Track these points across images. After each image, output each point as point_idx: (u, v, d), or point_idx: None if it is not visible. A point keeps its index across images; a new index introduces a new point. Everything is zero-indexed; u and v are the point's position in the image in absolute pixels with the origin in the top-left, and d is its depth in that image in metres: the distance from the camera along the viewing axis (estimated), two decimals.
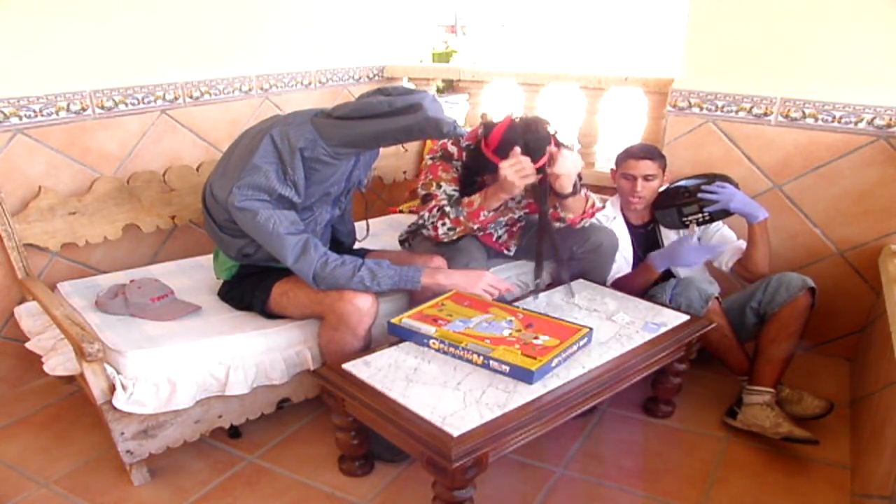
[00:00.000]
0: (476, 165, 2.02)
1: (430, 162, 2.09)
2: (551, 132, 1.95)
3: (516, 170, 1.83)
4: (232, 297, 2.05)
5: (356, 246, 2.32)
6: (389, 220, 2.93)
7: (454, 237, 2.05)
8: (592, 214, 2.12)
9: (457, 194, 2.04)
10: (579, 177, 2.02)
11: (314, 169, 1.80)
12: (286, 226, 1.74)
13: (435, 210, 2.01)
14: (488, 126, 1.98)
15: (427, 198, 2.05)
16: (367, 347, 1.88)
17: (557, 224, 2.09)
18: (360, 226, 2.46)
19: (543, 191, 1.95)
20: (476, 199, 1.98)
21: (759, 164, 2.47)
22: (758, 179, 2.48)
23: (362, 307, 1.80)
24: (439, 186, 2.03)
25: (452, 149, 2.06)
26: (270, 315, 1.97)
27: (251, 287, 1.99)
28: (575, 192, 1.96)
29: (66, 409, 2.20)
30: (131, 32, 2.32)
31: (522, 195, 2.10)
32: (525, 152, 1.86)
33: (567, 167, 1.89)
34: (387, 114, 1.70)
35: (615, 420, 2.16)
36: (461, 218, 1.98)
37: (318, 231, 1.99)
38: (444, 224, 2.00)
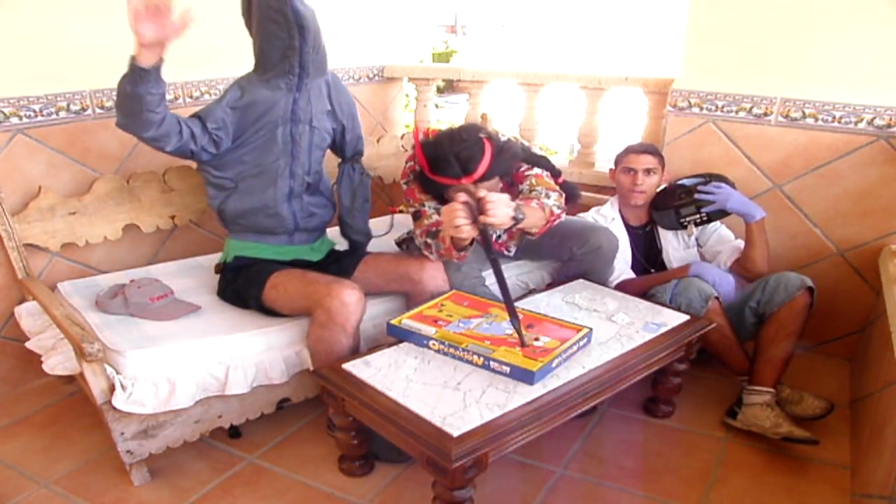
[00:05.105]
0: (430, 189, 1.96)
1: (405, 187, 2.06)
2: (483, 135, 1.87)
3: (447, 219, 1.65)
4: (228, 294, 2.06)
5: (375, 237, 2.35)
6: (389, 220, 2.92)
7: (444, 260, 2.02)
8: (556, 220, 2.00)
9: (442, 205, 2.02)
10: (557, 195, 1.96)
11: (253, 101, 1.94)
12: (185, 118, 1.90)
13: (421, 239, 1.99)
14: (413, 149, 1.94)
15: (417, 214, 2.02)
16: (357, 349, 1.87)
17: (528, 237, 1.96)
18: (383, 221, 2.50)
19: (485, 236, 1.69)
20: (447, 236, 1.84)
21: (759, 164, 2.47)
22: (758, 179, 2.48)
23: (349, 302, 1.80)
24: (423, 204, 2.01)
25: (417, 168, 2.02)
26: (267, 310, 1.97)
27: (246, 282, 2.00)
28: (517, 222, 1.73)
29: (66, 409, 2.20)
30: (131, 32, 2.31)
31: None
32: (459, 164, 1.80)
33: (501, 214, 1.64)
34: (249, 11, 1.90)
35: (615, 420, 2.16)
36: (442, 251, 1.92)
37: (284, 183, 2.03)
38: (431, 254, 1.98)
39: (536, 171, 2.08)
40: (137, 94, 1.71)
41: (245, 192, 2.02)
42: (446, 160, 1.83)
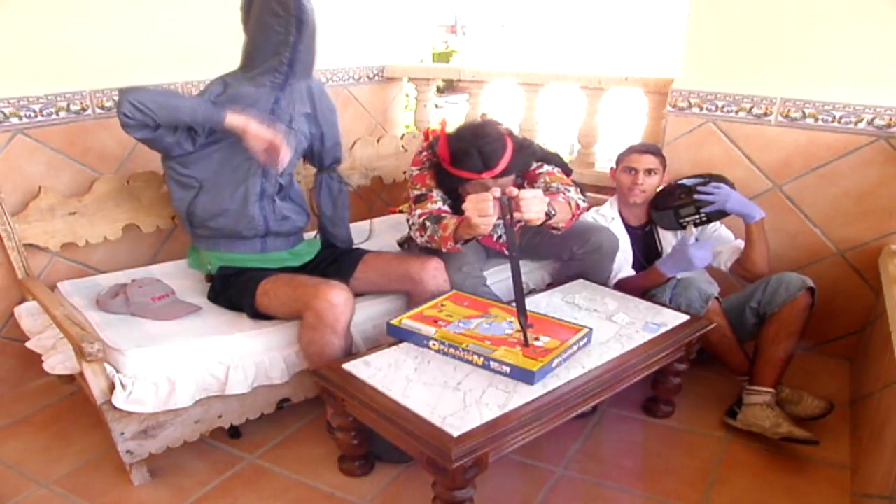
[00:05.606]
0: (445, 181, 1.97)
1: (416, 173, 2.06)
2: (503, 130, 1.89)
3: (478, 209, 1.65)
4: (221, 301, 2.05)
5: (354, 245, 2.32)
6: (389, 220, 2.92)
7: (432, 247, 2.00)
8: (580, 213, 2.01)
9: (448, 198, 2.02)
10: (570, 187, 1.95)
11: (236, 97, 1.92)
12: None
13: (418, 219, 1.97)
14: (435, 140, 1.94)
15: (421, 197, 2.01)
16: (349, 349, 1.87)
17: (555, 231, 1.97)
18: (362, 226, 2.46)
19: (510, 232, 1.69)
20: (451, 224, 1.85)
21: (759, 164, 2.47)
22: (758, 179, 2.48)
23: (336, 302, 1.79)
24: (430, 190, 2.01)
25: (435, 159, 2.03)
26: (262, 316, 1.96)
27: (238, 291, 1.99)
28: (549, 217, 1.76)
29: (66, 409, 2.20)
30: (131, 32, 2.32)
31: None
32: (482, 159, 1.80)
33: (535, 210, 1.67)
34: (250, 4, 1.90)
35: (615, 420, 2.16)
36: (436, 237, 1.91)
37: (255, 182, 2.00)
38: (421, 236, 1.96)
39: (547, 168, 2.08)
40: (184, 121, 1.83)
41: (213, 192, 1.98)
42: (468, 154, 1.83)
